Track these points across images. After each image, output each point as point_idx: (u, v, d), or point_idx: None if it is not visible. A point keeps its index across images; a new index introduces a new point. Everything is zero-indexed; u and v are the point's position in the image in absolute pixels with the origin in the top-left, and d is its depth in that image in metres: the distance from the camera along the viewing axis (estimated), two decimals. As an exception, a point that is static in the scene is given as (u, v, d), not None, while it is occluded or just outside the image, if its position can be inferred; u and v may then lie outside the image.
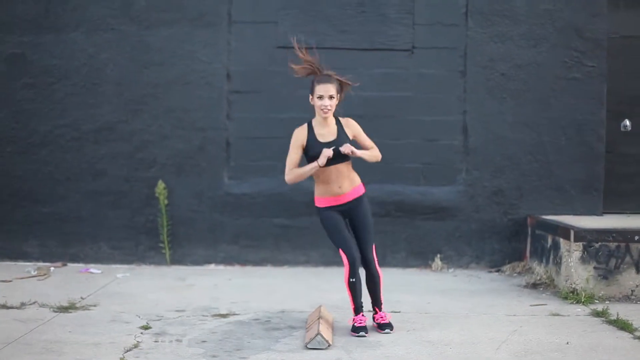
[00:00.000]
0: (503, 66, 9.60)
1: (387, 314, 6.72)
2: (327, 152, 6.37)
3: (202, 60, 9.60)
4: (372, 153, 6.71)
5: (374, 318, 6.71)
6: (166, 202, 9.51)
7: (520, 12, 9.56)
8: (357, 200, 6.66)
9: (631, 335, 6.50)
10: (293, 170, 6.54)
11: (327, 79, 6.45)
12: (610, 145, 9.70)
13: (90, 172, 9.62)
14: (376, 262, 6.65)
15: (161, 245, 9.57)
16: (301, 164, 6.56)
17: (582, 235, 7.96)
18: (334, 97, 6.44)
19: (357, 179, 6.72)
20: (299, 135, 6.56)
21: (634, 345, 6.22)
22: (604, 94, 9.59)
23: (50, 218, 9.62)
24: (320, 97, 6.43)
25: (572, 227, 8.11)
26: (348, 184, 6.61)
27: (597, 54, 9.57)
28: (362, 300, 6.60)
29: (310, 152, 6.50)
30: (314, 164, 6.44)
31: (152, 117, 9.62)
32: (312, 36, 9.41)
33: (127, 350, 5.93)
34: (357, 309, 6.58)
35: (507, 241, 9.61)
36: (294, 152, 6.56)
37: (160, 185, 9.47)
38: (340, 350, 6.03)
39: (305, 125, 6.61)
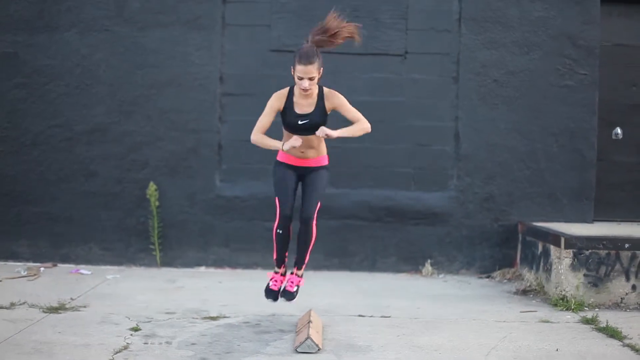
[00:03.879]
0: (496, 73, 9.62)
1: (300, 280, 6.76)
2: (295, 142, 6.27)
3: (195, 62, 9.60)
4: (355, 127, 6.44)
5: (287, 278, 6.79)
6: (157, 204, 9.51)
7: (513, 19, 9.59)
8: (316, 168, 6.59)
9: (620, 343, 6.52)
10: (260, 136, 6.46)
11: (308, 59, 6.20)
12: (602, 153, 9.73)
13: (82, 173, 9.61)
14: (314, 222, 6.54)
15: (152, 247, 9.56)
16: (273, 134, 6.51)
17: (572, 242, 7.98)
18: (314, 78, 6.25)
19: (324, 150, 6.62)
20: (276, 102, 6.44)
21: (623, 353, 6.24)
22: (596, 101, 9.63)
23: (41, 218, 9.60)
24: (300, 78, 6.25)
25: (563, 234, 8.13)
26: (313, 153, 6.54)
27: (589, 61, 9.61)
28: (286, 255, 6.73)
29: (286, 119, 6.42)
30: (277, 144, 6.37)
31: (144, 119, 9.61)
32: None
33: (117, 352, 5.93)
34: (278, 260, 6.72)
35: (498, 247, 9.63)
36: (266, 117, 6.46)
37: (152, 187, 9.46)
38: (329, 355, 6.04)
39: (286, 90, 6.47)
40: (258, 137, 6.49)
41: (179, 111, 9.61)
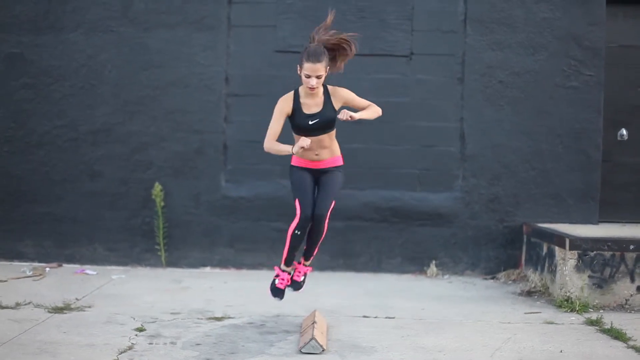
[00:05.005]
0: (501, 74, 9.61)
1: (307, 269, 6.73)
2: (304, 143, 6.23)
3: (201, 63, 9.61)
4: (370, 111, 6.50)
5: (295, 268, 6.74)
6: (163, 204, 9.52)
7: (518, 20, 9.58)
8: (332, 169, 6.55)
9: (625, 345, 6.51)
10: (273, 143, 6.41)
11: (316, 58, 6.25)
12: (607, 154, 9.72)
13: (87, 173, 9.63)
14: (327, 220, 6.48)
15: (157, 247, 9.57)
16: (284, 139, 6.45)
17: (577, 243, 7.97)
18: (321, 77, 6.30)
19: (337, 150, 6.60)
20: (284, 105, 6.44)
21: (627, 355, 6.23)
22: (602, 102, 9.61)
23: (46, 218, 9.62)
24: (308, 76, 6.28)
25: (568, 236, 8.12)
26: (327, 153, 6.51)
27: (595, 62, 9.59)
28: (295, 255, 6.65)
29: (295, 121, 6.40)
30: (287, 148, 6.33)
31: (150, 119, 9.63)
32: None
33: (122, 352, 5.94)
34: (288, 260, 6.64)
35: (503, 248, 9.63)
36: (276, 122, 6.43)
37: (157, 187, 9.48)
38: (334, 355, 6.04)
39: (292, 93, 6.48)
40: (270, 144, 6.44)
41: (184, 112, 9.63)
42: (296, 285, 6.71)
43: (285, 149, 6.38)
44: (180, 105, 9.62)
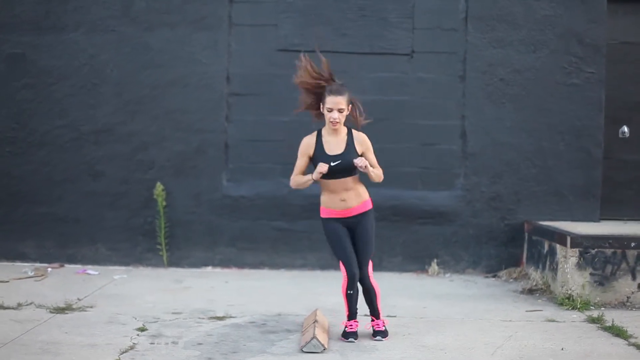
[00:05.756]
0: (502, 71, 9.61)
1: (383, 321, 6.63)
2: (322, 168, 6.29)
3: (202, 62, 9.61)
4: (377, 172, 6.58)
5: (371, 324, 6.62)
6: (164, 204, 9.52)
7: (519, 17, 9.58)
8: (362, 215, 6.54)
9: (626, 342, 6.51)
10: (296, 177, 6.53)
11: (338, 91, 6.34)
12: (608, 151, 9.72)
13: (88, 173, 9.63)
14: (371, 277, 6.53)
15: (159, 247, 9.58)
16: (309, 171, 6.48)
17: (578, 241, 7.96)
18: (343, 110, 6.36)
19: (364, 194, 6.58)
20: (307, 145, 6.50)
21: (629, 352, 6.23)
22: (603, 100, 9.61)
23: (48, 219, 9.63)
24: (330, 110, 6.34)
25: (569, 233, 8.12)
26: (354, 198, 6.49)
27: (596, 60, 9.59)
28: (357, 307, 6.57)
29: (317, 162, 6.40)
30: (308, 177, 6.40)
31: (151, 119, 9.63)
32: (312, 39, 9.44)
33: (123, 352, 5.94)
34: (352, 315, 6.54)
35: (504, 247, 9.62)
36: (300, 160, 6.51)
37: (159, 187, 9.48)
38: (335, 354, 6.05)
39: (315, 133, 6.52)
40: (294, 180, 6.57)
41: (185, 111, 9.63)
42: (384, 334, 6.54)
43: (306, 178, 6.45)
44: (181, 104, 9.63)
